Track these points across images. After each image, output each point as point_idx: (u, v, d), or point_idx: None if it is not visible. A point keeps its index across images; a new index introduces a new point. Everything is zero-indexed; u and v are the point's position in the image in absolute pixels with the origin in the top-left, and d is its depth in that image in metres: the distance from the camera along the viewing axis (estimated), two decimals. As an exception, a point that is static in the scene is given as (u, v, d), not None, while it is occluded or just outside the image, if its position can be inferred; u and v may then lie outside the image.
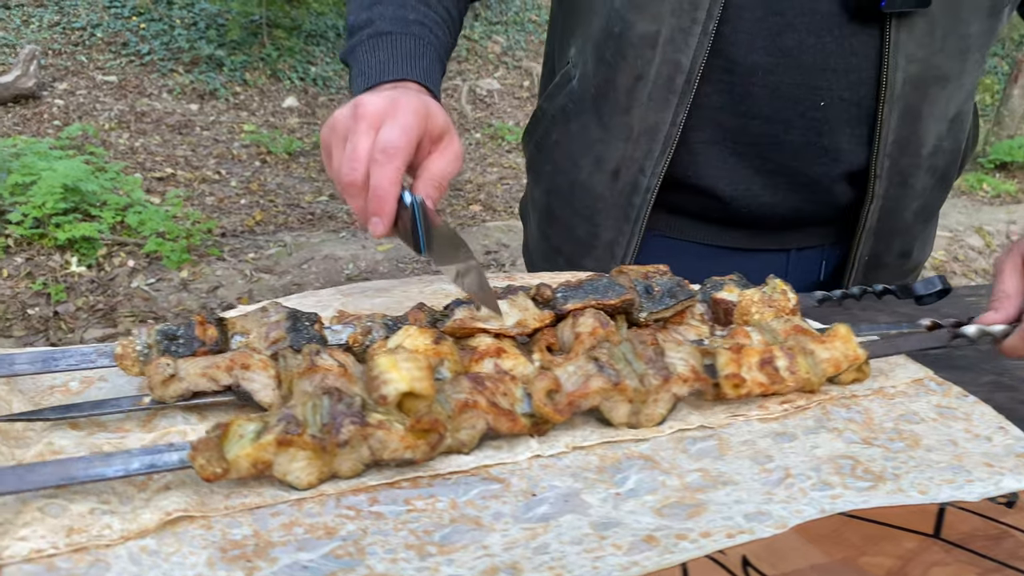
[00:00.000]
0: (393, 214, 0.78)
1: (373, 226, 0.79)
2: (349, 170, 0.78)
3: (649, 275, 0.82)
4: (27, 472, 0.56)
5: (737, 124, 1.06)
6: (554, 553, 0.55)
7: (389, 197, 0.77)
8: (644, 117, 1.05)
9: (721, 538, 0.57)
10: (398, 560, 0.54)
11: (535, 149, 1.22)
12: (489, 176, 5.49)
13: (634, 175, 1.08)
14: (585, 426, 0.70)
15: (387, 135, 0.78)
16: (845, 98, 1.04)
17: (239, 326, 0.74)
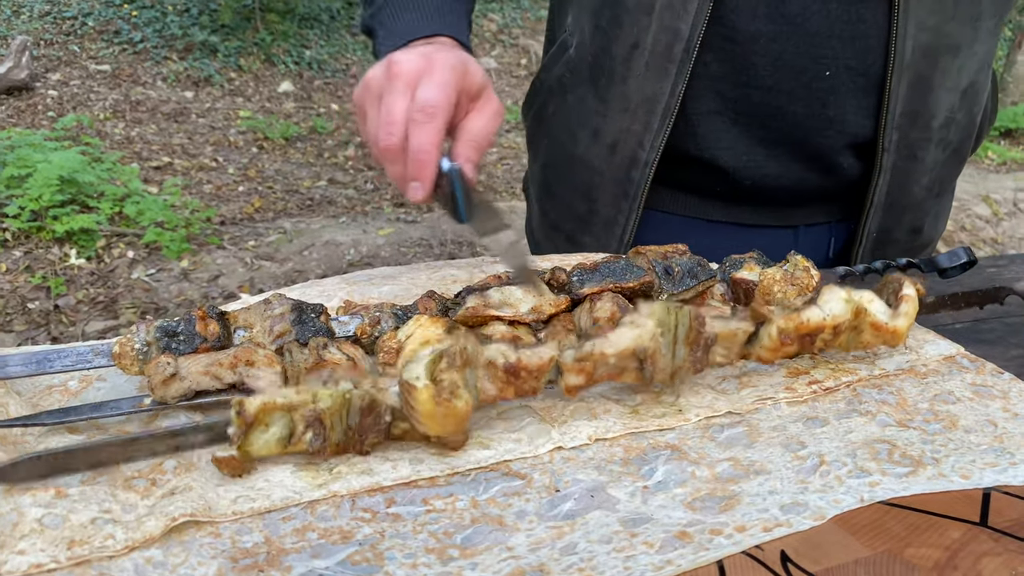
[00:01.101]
0: (434, 177, 0.75)
1: (413, 191, 0.76)
2: (386, 134, 0.75)
3: (668, 255, 0.78)
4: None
5: (738, 94, 1.02)
6: (583, 553, 0.52)
7: (430, 160, 0.74)
8: (641, 87, 1.01)
9: (757, 532, 0.54)
10: (418, 565, 0.51)
11: (533, 122, 1.18)
12: (489, 156, 5.44)
13: (632, 149, 1.04)
14: (607, 416, 0.67)
15: (425, 94, 0.74)
16: (851, 67, 1.00)
17: (242, 320, 0.71)
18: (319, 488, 0.57)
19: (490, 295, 0.74)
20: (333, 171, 5.04)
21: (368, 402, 0.59)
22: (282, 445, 0.59)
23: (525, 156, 5.68)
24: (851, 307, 0.72)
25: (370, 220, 4.10)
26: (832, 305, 0.71)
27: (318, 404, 0.58)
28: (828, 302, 0.72)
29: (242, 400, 0.57)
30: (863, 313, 0.72)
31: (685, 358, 0.67)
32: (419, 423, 0.59)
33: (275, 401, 0.57)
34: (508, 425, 0.66)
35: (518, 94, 6.89)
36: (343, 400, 0.59)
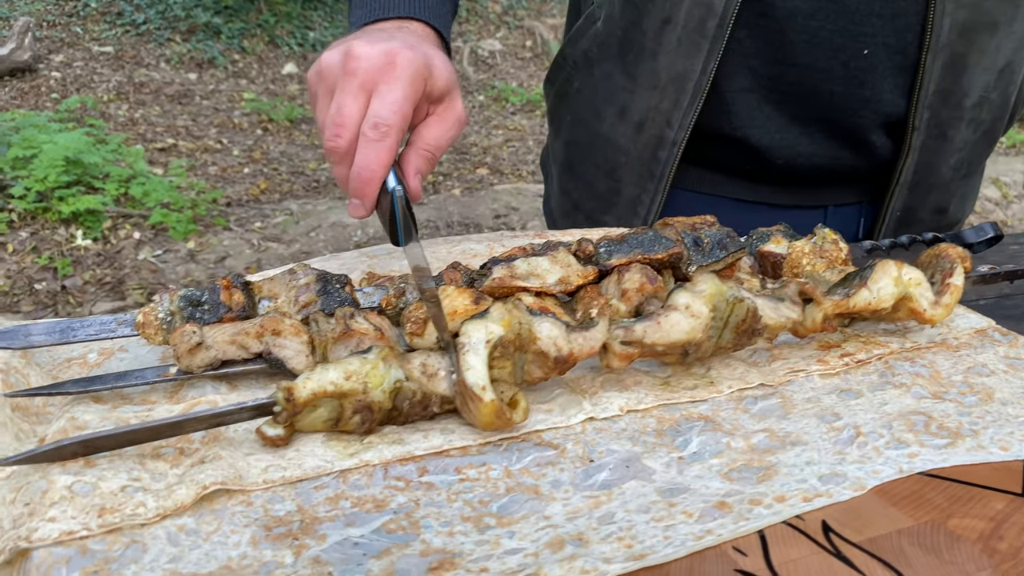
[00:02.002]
0: (375, 199, 0.70)
1: (353, 208, 0.71)
2: (333, 135, 0.70)
3: (696, 226, 0.77)
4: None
5: (773, 72, 1.00)
6: (621, 522, 0.51)
7: (374, 181, 0.69)
8: (672, 64, 0.99)
9: (798, 502, 0.53)
10: (455, 533, 0.50)
11: (556, 98, 1.16)
12: (494, 139, 5.41)
13: (660, 128, 1.02)
14: (638, 388, 0.66)
15: (380, 108, 0.69)
16: (890, 45, 0.98)
17: (266, 290, 0.70)
18: (350, 457, 0.57)
19: (517, 265, 0.72)
20: (330, 146, 5.02)
21: (420, 396, 0.59)
22: (329, 425, 0.58)
23: (530, 139, 5.64)
24: (899, 291, 0.71)
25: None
26: (883, 287, 0.70)
27: (369, 395, 0.57)
28: (880, 284, 0.70)
29: (291, 387, 0.55)
30: (906, 299, 0.71)
31: (728, 342, 0.66)
32: (473, 421, 0.59)
33: (325, 390, 0.56)
34: (538, 396, 0.65)
35: (523, 76, 6.86)
36: (394, 390, 0.58)
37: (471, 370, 0.57)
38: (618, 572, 0.47)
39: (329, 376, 0.56)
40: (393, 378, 0.58)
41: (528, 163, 4.96)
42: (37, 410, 0.68)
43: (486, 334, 0.58)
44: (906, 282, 0.71)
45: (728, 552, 0.50)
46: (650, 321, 0.63)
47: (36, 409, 0.68)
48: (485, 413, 0.57)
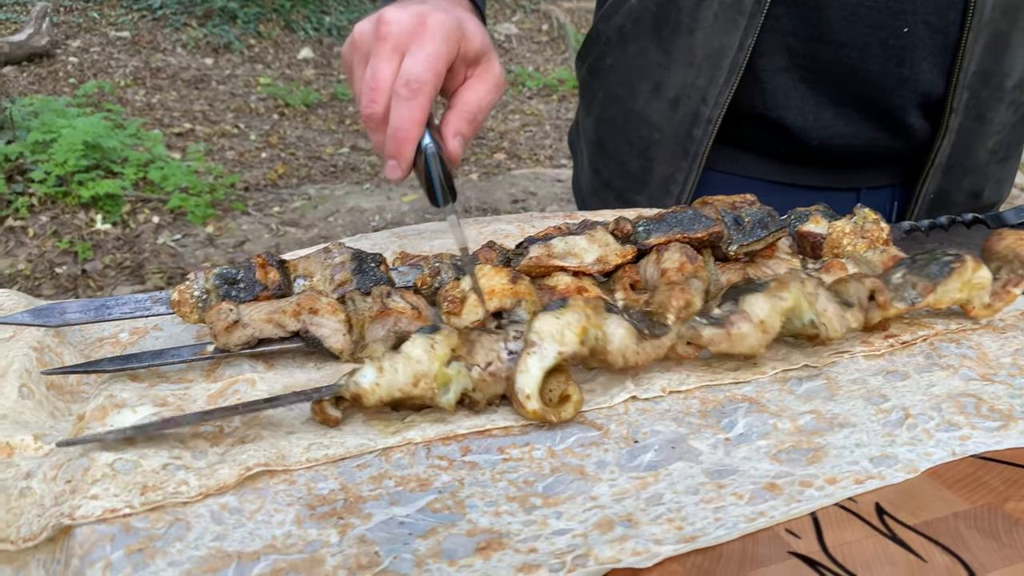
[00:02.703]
0: (411, 158, 0.70)
1: (389, 170, 0.71)
2: (369, 101, 0.70)
3: (736, 205, 0.76)
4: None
5: (810, 50, 0.98)
6: (669, 504, 0.50)
7: (408, 140, 0.69)
8: (709, 40, 0.97)
9: (850, 484, 0.52)
10: (501, 513, 0.49)
11: (587, 74, 1.14)
12: (511, 123, 5.39)
13: (695, 105, 1.01)
14: (680, 369, 0.65)
15: (412, 66, 0.69)
16: (931, 23, 0.96)
17: (301, 268, 0.69)
18: (392, 435, 0.56)
19: (554, 244, 0.71)
20: (355, 138, 5.01)
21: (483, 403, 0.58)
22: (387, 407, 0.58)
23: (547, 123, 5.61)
24: (963, 296, 0.70)
25: (394, 187, 4.07)
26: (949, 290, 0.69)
27: (435, 400, 0.56)
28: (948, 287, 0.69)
29: (359, 395, 0.54)
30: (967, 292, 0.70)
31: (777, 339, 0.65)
32: (520, 415, 0.58)
33: (393, 396, 0.55)
34: (579, 376, 0.64)
35: (539, 60, 6.82)
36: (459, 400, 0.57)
37: (525, 374, 0.56)
38: (670, 554, 0.46)
39: (398, 382, 0.54)
40: (460, 387, 0.57)
41: (545, 147, 4.93)
42: (71, 388, 0.67)
43: (559, 346, 0.56)
44: (973, 285, 0.70)
45: (781, 534, 0.48)
46: (720, 329, 0.61)
47: (70, 388, 0.67)
48: (526, 415, 0.57)
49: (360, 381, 0.54)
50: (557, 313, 0.57)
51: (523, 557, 0.45)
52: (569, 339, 0.56)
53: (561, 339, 0.56)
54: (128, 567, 0.44)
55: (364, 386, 0.54)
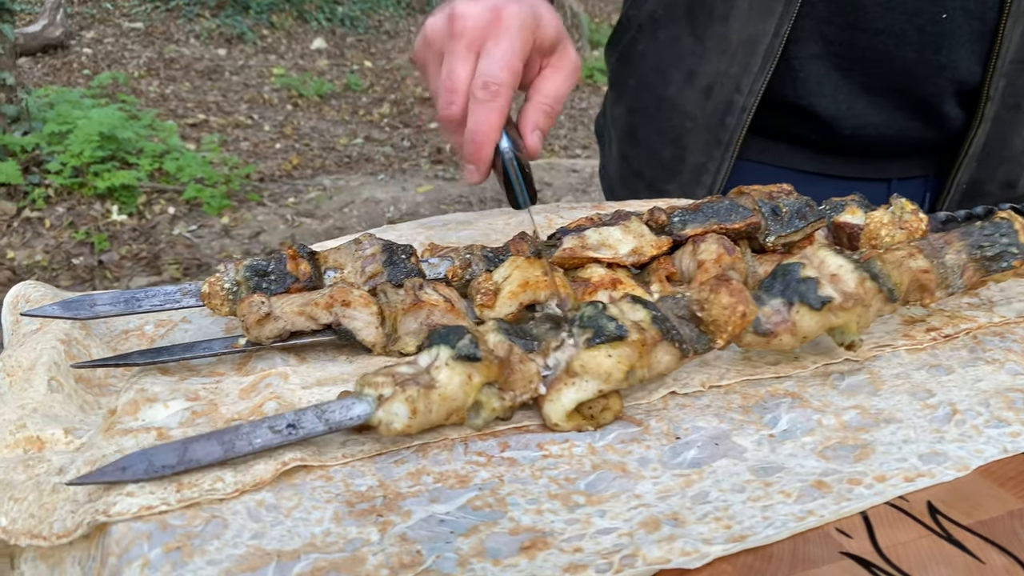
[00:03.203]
0: (490, 162, 0.70)
1: (468, 174, 0.70)
2: (447, 103, 0.69)
3: (773, 195, 0.74)
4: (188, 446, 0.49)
5: (844, 37, 0.96)
6: (716, 502, 0.49)
7: (487, 143, 0.68)
8: (743, 28, 0.95)
9: (900, 482, 0.51)
10: (543, 511, 0.48)
11: (618, 62, 1.12)
12: (525, 114, 5.36)
13: (729, 93, 0.99)
14: (718, 363, 0.64)
15: (488, 66, 0.68)
16: (969, 10, 0.94)
17: (332, 260, 0.68)
18: (429, 431, 0.55)
19: (588, 235, 0.70)
20: (369, 128, 5.00)
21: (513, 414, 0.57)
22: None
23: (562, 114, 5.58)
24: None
25: (408, 177, 4.06)
26: None
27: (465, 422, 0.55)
28: None
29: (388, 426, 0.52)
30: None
31: None
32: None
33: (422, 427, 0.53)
34: (615, 370, 0.62)
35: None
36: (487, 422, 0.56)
37: (555, 403, 0.54)
38: (720, 553, 0.45)
39: (431, 420, 0.52)
40: (491, 415, 0.55)
41: (560, 137, 4.91)
42: (99, 381, 0.67)
43: (601, 383, 0.54)
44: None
45: (832, 534, 0.47)
46: (762, 338, 0.59)
47: (99, 381, 0.67)
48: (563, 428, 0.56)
49: (393, 424, 0.51)
50: (610, 349, 0.54)
51: (569, 557, 0.44)
52: (615, 378, 0.54)
53: (607, 378, 0.54)
54: (167, 565, 0.44)
55: (396, 428, 0.51)
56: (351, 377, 0.61)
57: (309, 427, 0.50)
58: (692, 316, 0.58)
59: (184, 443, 0.49)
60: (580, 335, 0.55)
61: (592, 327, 0.54)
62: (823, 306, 0.59)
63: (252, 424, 0.50)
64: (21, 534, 0.49)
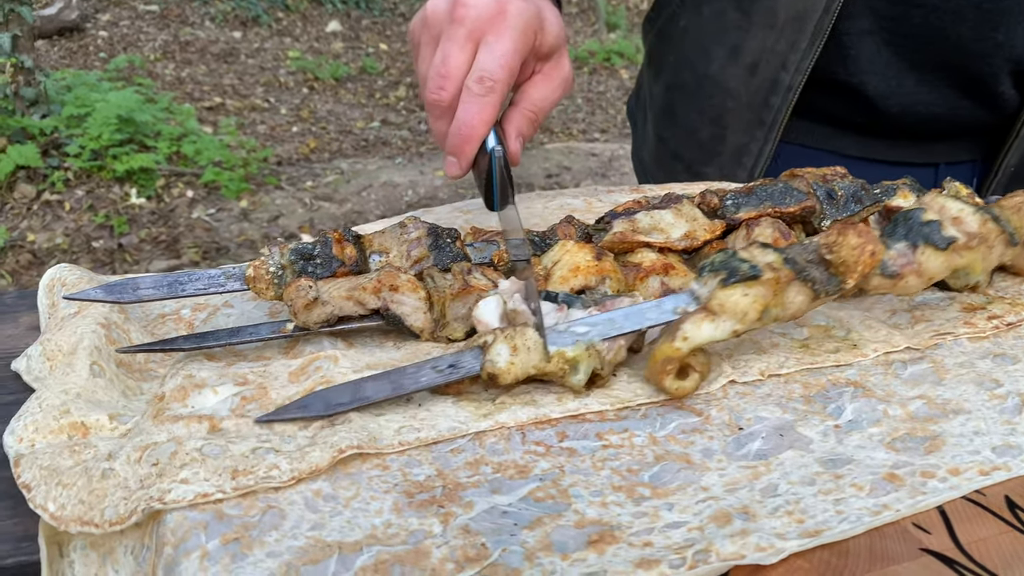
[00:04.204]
0: (473, 157, 0.67)
1: (448, 166, 0.68)
2: (436, 87, 0.67)
3: (828, 178, 0.72)
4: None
5: (897, 12, 0.93)
6: (786, 495, 0.47)
7: (474, 139, 0.66)
8: (792, 2, 0.93)
9: (975, 476, 0.49)
10: (608, 504, 0.47)
11: (656, 38, 1.09)
12: (542, 97, 5.32)
13: (774, 71, 0.96)
14: (776, 351, 0.62)
15: (486, 60, 0.66)
16: None
17: (376, 244, 0.67)
18: (484, 419, 0.53)
19: (638, 219, 0.68)
20: (385, 112, 4.98)
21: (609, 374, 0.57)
22: None
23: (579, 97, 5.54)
24: None
25: (426, 161, 4.04)
26: None
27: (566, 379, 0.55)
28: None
29: (495, 375, 0.53)
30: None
31: None
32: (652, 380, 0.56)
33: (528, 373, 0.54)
34: (670, 358, 0.61)
35: (569, 32, 6.71)
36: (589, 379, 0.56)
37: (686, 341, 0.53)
38: (795, 549, 0.43)
39: (532, 360, 0.53)
40: (590, 367, 0.55)
41: (578, 121, 4.87)
42: (140, 366, 0.65)
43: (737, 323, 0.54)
44: None
45: (909, 529, 0.46)
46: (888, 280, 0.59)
47: (139, 366, 0.65)
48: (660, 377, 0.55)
49: (495, 360, 0.53)
50: (745, 288, 0.53)
51: (639, 552, 0.43)
52: (750, 318, 0.54)
53: (742, 317, 0.53)
54: (226, 557, 0.42)
55: (500, 365, 0.53)
56: (400, 363, 0.60)
57: (468, 367, 0.54)
58: (821, 260, 0.56)
59: (356, 383, 0.54)
60: (712, 279, 0.55)
61: (725, 269, 0.54)
62: (948, 246, 0.58)
63: (416, 365, 0.55)
64: (71, 521, 0.48)
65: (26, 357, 0.64)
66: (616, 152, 4.25)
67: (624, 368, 0.59)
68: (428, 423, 0.53)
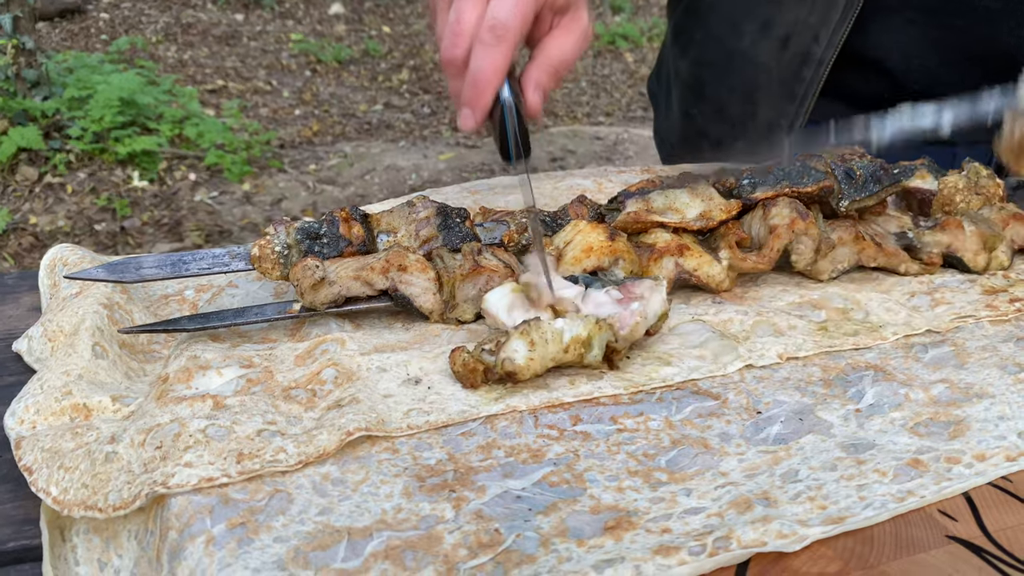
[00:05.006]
0: (488, 108, 0.66)
1: (462, 118, 0.67)
2: (450, 44, 0.66)
3: (846, 157, 0.70)
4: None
5: None
6: (807, 481, 0.46)
7: (487, 88, 0.65)
8: None
9: (1001, 461, 0.48)
10: (624, 489, 0.45)
11: (684, 14, 1.07)
12: (546, 80, 5.28)
13: (806, 44, 0.94)
14: (793, 333, 0.60)
15: (497, 9, 0.64)
16: None
17: (384, 223, 0.65)
18: (495, 402, 0.52)
19: (652, 198, 0.67)
20: (389, 95, 4.94)
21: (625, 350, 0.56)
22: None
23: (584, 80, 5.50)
24: None
25: (430, 144, 4.01)
26: None
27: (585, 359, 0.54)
28: None
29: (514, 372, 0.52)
30: None
31: None
32: None
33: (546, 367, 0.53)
34: (685, 340, 0.60)
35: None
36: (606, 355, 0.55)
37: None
38: (819, 536, 0.42)
39: (550, 352, 0.52)
40: (604, 341, 0.54)
41: (583, 104, 4.83)
42: (143, 347, 0.64)
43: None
44: None
45: (935, 516, 0.44)
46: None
47: (142, 347, 0.64)
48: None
49: (513, 358, 0.51)
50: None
51: (657, 538, 0.42)
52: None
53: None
54: (232, 542, 0.41)
55: (518, 363, 0.52)
56: (409, 345, 0.59)
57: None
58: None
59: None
60: None
61: None
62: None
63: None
64: (75, 505, 0.47)
65: (27, 338, 0.62)
66: (621, 136, 4.22)
67: (638, 352, 0.58)
68: (438, 406, 0.51)
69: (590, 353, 0.53)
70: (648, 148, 4.12)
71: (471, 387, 0.53)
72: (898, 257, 0.69)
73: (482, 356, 0.53)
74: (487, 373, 0.52)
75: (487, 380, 0.53)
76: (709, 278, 0.65)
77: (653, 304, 0.56)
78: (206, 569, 0.40)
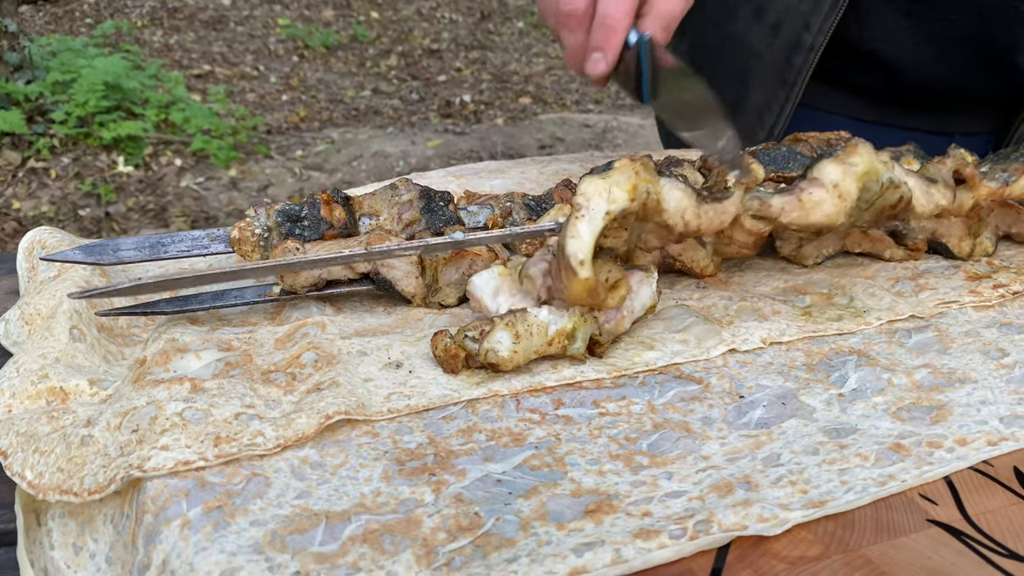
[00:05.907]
0: (619, 50, 0.66)
1: (593, 64, 0.67)
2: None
3: (832, 142, 0.70)
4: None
5: None
6: (789, 465, 0.46)
7: (620, 28, 0.65)
8: None
9: (982, 446, 0.48)
10: (605, 472, 0.45)
11: None
12: (536, 67, 5.26)
13: (797, 31, 0.94)
14: (777, 318, 0.60)
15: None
16: None
17: (367, 206, 0.65)
18: (477, 386, 0.52)
19: (637, 183, 0.66)
20: (376, 81, 4.91)
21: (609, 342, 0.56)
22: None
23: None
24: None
25: (418, 131, 3.99)
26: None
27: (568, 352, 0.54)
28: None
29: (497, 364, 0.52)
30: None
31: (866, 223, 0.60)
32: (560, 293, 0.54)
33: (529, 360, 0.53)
34: (669, 325, 0.59)
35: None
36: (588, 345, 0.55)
37: (576, 239, 0.50)
38: (800, 520, 0.42)
39: (534, 345, 0.52)
40: (587, 334, 0.53)
41: (572, 92, 4.82)
42: (122, 331, 0.63)
43: (607, 204, 0.51)
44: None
45: (916, 500, 0.44)
46: (790, 196, 0.57)
47: (120, 330, 0.63)
48: (576, 290, 0.51)
49: (497, 349, 0.51)
50: (603, 175, 0.52)
51: (638, 522, 0.41)
52: (618, 196, 0.51)
53: (609, 197, 0.51)
54: (208, 526, 0.41)
55: (502, 355, 0.51)
56: (391, 329, 0.58)
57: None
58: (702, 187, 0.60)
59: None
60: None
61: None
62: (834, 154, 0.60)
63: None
64: (49, 489, 0.46)
65: (4, 321, 0.61)
66: (610, 123, 4.21)
67: (621, 336, 0.58)
68: (419, 390, 0.51)
69: (573, 345, 0.53)
70: (637, 136, 4.12)
71: (452, 372, 0.52)
72: (883, 243, 0.69)
73: (464, 342, 0.52)
74: (468, 359, 0.52)
75: (468, 366, 0.52)
76: (694, 263, 0.65)
77: (641, 297, 0.56)
78: (181, 552, 0.39)
